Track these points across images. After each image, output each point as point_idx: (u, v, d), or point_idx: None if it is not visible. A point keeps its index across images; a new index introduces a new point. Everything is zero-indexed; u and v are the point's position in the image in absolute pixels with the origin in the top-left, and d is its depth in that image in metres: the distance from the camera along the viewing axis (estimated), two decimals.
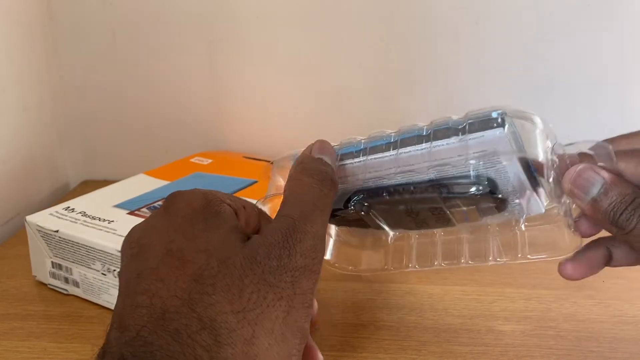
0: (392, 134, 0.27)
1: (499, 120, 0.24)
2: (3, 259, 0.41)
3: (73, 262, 0.35)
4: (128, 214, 0.37)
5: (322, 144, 0.27)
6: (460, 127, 0.25)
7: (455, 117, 0.26)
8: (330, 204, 0.25)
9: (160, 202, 0.39)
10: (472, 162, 0.25)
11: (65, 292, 0.36)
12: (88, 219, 0.36)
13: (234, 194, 0.40)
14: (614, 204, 0.24)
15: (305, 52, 0.53)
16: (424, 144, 0.25)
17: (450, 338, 0.32)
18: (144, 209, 0.38)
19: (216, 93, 0.55)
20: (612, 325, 0.33)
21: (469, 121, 0.25)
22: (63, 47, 0.54)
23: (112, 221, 0.36)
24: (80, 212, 0.37)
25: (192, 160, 0.49)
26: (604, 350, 0.31)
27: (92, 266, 0.34)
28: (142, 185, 0.42)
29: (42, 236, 0.36)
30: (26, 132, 0.52)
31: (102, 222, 0.36)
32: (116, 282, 0.33)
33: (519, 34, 0.51)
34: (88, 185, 0.55)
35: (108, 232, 0.34)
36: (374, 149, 0.26)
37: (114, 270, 0.33)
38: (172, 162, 0.48)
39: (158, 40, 0.54)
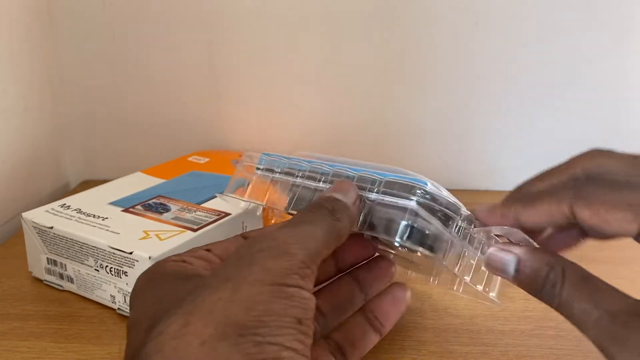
0: (325, 170, 0.29)
1: (411, 206, 0.25)
2: (3, 258, 0.41)
3: (67, 258, 0.35)
4: (122, 211, 0.37)
5: (340, 184, 0.26)
6: (378, 185, 0.26)
7: (379, 177, 0.26)
8: (339, 235, 0.23)
9: (155, 200, 0.39)
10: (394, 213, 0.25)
11: (60, 287, 0.36)
12: (83, 216, 0.36)
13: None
14: (531, 282, 0.23)
15: (306, 52, 0.53)
16: None
17: (450, 338, 0.32)
18: (139, 207, 0.38)
19: (216, 93, 0.55)
20: None
21: (384, 189, 0.26)
22: (63, 47, 0.55)
23: (106, 218, 0.36)
24: (75, 209, 0.37)
25: (189, 159, 0.49)
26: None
27: (86, 262, 0.34)
28: (138, 183, 0.42)
29: (37, 232, 0.36)
30: (26, 132, 0.52)
31: (96, 219, 0.36)
32: (109, 277, 0.33)
33: (519, 34, 0.51)
34: (88, 185, 0.55)
35: (101, 228, 0.34)
36: (309, 177, 0.29)
37: (107, 266, 0.33)
38: (169, 161, 0.48)
39: (158, 40, 0.54)
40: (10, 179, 0.49)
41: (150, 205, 0.38)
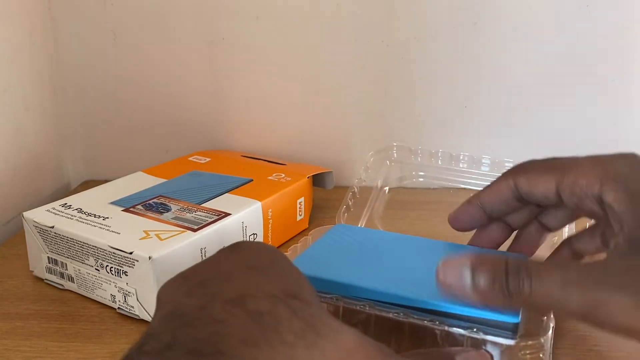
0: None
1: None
2: (4, 258, 0.41)
3: (68, 258, 0.35)
4: (123, 211, 0.37)
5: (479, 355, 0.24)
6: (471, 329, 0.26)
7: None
8: None
9: (155, 200, 0.39)
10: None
11: (61, 287, 0.36)
12: (83, 216, 0.36)
13: (230, 192, 0.41)
14: (492, 278, 0.23)
15: (306, 53, 0.53)
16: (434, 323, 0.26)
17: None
18: (139, 207, 0.38)
19: (216, 93, 0.55)
20: None
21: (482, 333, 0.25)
22: (63, 47, 0.55)
23: (107, 218, 0.36)
24: (76, 209, 0.37)
25: (190, 158, 0.49)
26: (604, 350, 0.31)
27: (86, 262, 0.34)
28: (139, 183, 0.42)
29: (38, 232, 0.36)
30: (27, 132, 0.52)
31: (97, 219, 0.36)
32: (109, 277, 0.33)
33: (518, 35, 0.51)
34: (89, 186, 0.55)
35: (102, 228, 0.35)
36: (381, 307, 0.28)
37: (107, 266, 0.33)
38: (170, 161, 0.48)
39: (158, 40, 0.54)
40: (11, 178, 0.49)
41: (150, 205, 0.38)
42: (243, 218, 0.38)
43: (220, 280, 0.18)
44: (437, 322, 0.26)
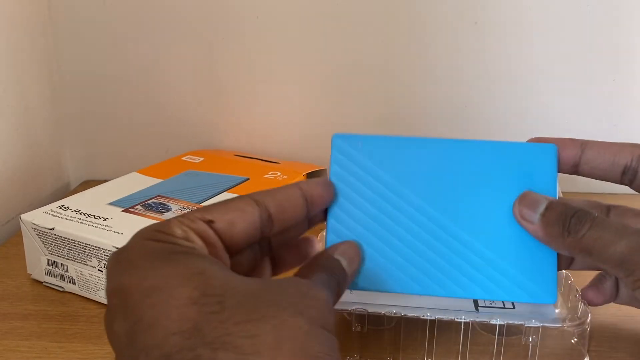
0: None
1: None
2: (4, 258, 0.41)
3: (69, 260, 0.35)
4: (123, 211, 0.37)
5: (348, 246, 0.26)
6: None
7: None
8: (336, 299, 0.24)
9: (154, 200, 0.39)
10: None
11: (61, 289, 0.36)
12: (83, 217, 0.36)
13: (228, 191, 0.41)
14: (560, 212, 0.25)
15: (305, 53, 0.53)
16: None
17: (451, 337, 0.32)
18: (139, 207, 0.38)
19: (216, 93, 0.55)
20: (612, 325, 0.33)
21: None
22: (63, 47, 0.55)
23: (108, 218, 0.36)
24: (75, 210, 0.37)
25: (184, 158, 0.49)
26: (604, 350, 0.31)
27: (89, 263, 0.34)
28: (135, 183, 0.42)
29: (37, 234, 0.36)
30: (27, 132, 0.52)
31: (97, 220, 0.36)
32: None
33: (519, 34, 0.51)
34: (89, 186, 0.55)
35: (104, 229, 0.35)
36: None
37: None
38: (164, 161, 0.48)
39: (158, 40, 0.54)
40: (10, 179, 0.49)
41: (150, 205, 0.38)
42: None
43: (139, 334, 0.19)
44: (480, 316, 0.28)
